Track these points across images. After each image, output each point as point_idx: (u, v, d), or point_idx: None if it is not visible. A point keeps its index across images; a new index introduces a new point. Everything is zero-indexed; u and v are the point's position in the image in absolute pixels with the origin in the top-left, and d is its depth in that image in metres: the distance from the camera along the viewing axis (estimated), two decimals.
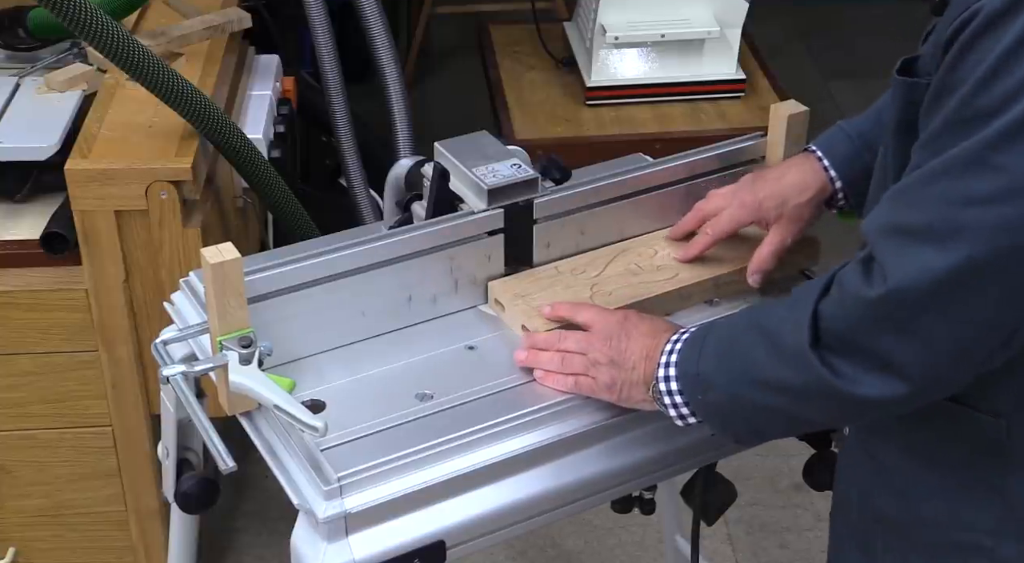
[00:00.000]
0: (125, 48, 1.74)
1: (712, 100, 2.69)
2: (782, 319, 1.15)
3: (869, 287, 1.06)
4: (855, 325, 1.08)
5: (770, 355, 1.14)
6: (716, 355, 1.20)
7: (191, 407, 1.29)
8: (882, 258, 1.06)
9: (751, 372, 1.16)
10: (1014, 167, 0.98)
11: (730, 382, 1.18)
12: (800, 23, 4.46)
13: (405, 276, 1.44)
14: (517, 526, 1.31)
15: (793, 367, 1.12)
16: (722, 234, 1.48)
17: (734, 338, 1.19)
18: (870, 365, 1.08)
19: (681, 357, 1.23)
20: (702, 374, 1.20)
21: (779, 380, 1.14)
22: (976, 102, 1.00)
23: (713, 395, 1.20)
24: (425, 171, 1.52)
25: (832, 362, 1.09)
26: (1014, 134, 0.98)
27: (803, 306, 1.12)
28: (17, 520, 2.12)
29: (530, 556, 2.45)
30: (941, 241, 1.02)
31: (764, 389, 1.15)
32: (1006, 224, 0.99)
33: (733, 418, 1.21)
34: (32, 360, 1.96)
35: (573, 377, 1.32)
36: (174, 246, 1.87)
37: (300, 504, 1.23)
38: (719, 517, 1.60)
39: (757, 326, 1.17)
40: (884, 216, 1.09)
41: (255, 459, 1.34)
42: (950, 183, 1.02)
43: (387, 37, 2.33)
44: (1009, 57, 0.97)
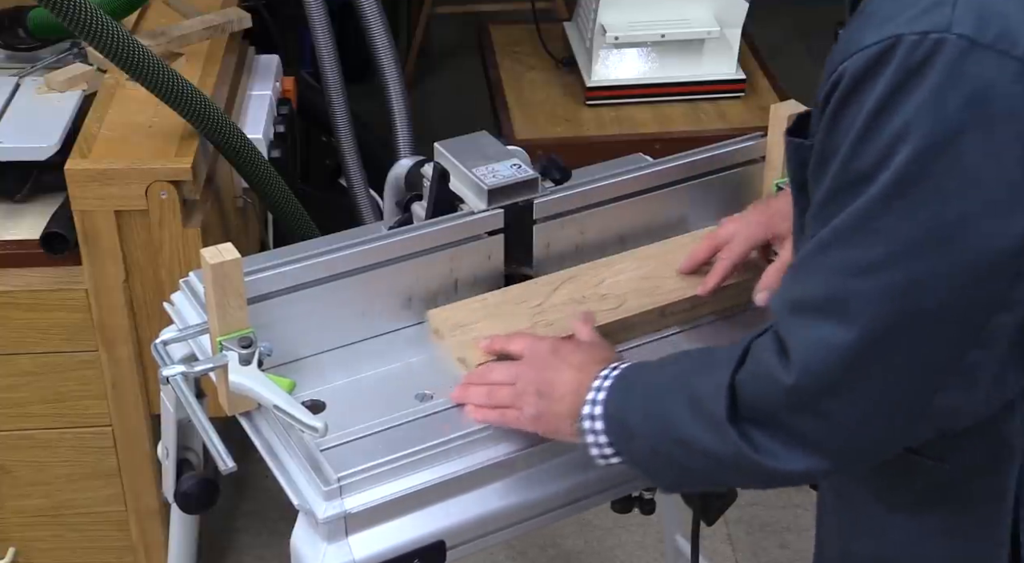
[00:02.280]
0: (125, 48, 1.74)
1: (712, 100, 2.69)
2: (704, 382, 1.11)
3: (782, 370, 1.03)
4: (771, 404, 1.06)
5: (693, 419, 1.11)
6: (643, 407, 1.16)
7: (191, 407, 1.29)
8: (787, 337, 1.04)
9: (674, 432, 1.12)
10: (893, 231, 0.95)
11: (655, 438, 1.15)
12: (800, 23, 4.46)
13: (405, 276, 1.44)
14: (517, 526, 1.31)
15: (712, 434, 1.09)
16: (739, 257, 1.43)
17: (661, 392, 1.16)
18: (788, 441, 1.06)
19: (608, 398, 1.19)
20: (627, 423, 1.17)
21: (699, 444, 1.10)
22: (851, 167, 0.97)
23: (638, 445, 1.17)
24: (425, 171, 1.52)
25: (751, 435, 1.07)
26: (888, 198, 0.94)
27: (721, 374, 1.09)
28: (17, 520, 2.11)
29: (530, 556, 2.45)
30: (837, 315, 0.99)
31: (687, 450, 1.12)
32: (893, 291, 0.96)
33: (656, 469, 1.19)
34: (32, 360, 1.96)
35: (499, 410, 1.27)
36: (174, 246, 1.87)
37: (300, 504, 1.23)
38: (719, 517, 1.60)
39: (684, 385, 1.13)
40: (784, 292, 1.07)
41: (255, 459, 1.34)
42: (838, 253, 0.99)
43: (387, 37, 2.33)
44: (875, 119, 0.94)
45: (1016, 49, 0.90)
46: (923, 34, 0.91)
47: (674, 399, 1.13)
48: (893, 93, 0.93)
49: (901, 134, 0.93)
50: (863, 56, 0.94)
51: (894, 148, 0.93)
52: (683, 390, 1.13)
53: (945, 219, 0.93)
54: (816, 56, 4.26)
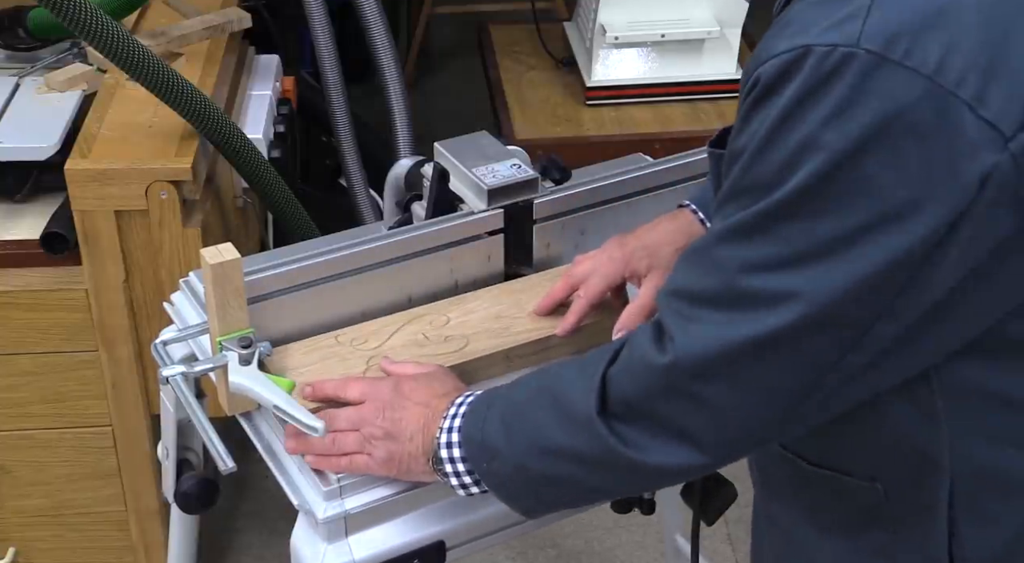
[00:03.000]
0: (125, 48, 1.74)
1: (712, 100, 2.69)
2: (571, 384, 1.09)
3: (657, 353, 1.02)
4: (643, 392, 1.04)
5: (558, 422, 1.09)
6: (502, 421, 1.13)
7: (191, 407, 1.29)
8: (667, 323, 1.03)
9: (538, 440, 1.10)
10: (790, 237, 0.95)
11: (516, 451, 1.12)
12: None
13: (405, 276, 1.44)
14: (517, 526, 1.31)
15: (581, 434, 1.07)
16: (596, 296, 1.38)
17: (521, 403, 1.13)
18: (660, 433, 1.04)
19: (465, 422, 1.16)
20: (487, 441, 1.14)
21: (567, 448, 1.08)
22: (754, 172, 0.96)
23: (498, 465, 1.13)
24: (425, 171, 1.52)
25: (620, 430, 1.05)
26: (791, 206, 0.94)
27: (592, 370, 1.08)
28: (17, 520, 2.11)
29: (530, 556, 2.45)
30: (725, 309, 0.99)
31: (551, 457, 1.10)
32: (786, 294, 0.95)
33: (520, 489, 1.15)
34: (32, 360, 1.96)
35: (347, 457, 1.22)
36: (174, 246, 1.87)
37: (300, 504, 1.23)
38: (719, 517, 1.60)
39: (546, 390, 1.12)
40: (672, 280, 1.06)
41: (255, 459, 1.34)
42: (733, 249, 0.98)
43: (387, 37, 2.33)
44: (780, 127, 0.93)
45: (925, 66, 0.89)
46: (832, 46, 0.90)
47: (538, 408, 1.11)
48: (800, 103, 0.92)
49: (806, 145, 0.92)
50: (774, 64, 0.94)
51: (797, 160, 0.93)
52: (546, 396, 1.11)
53: (843, 230, 0.93)
54: None
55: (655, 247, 1.38)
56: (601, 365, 1.08)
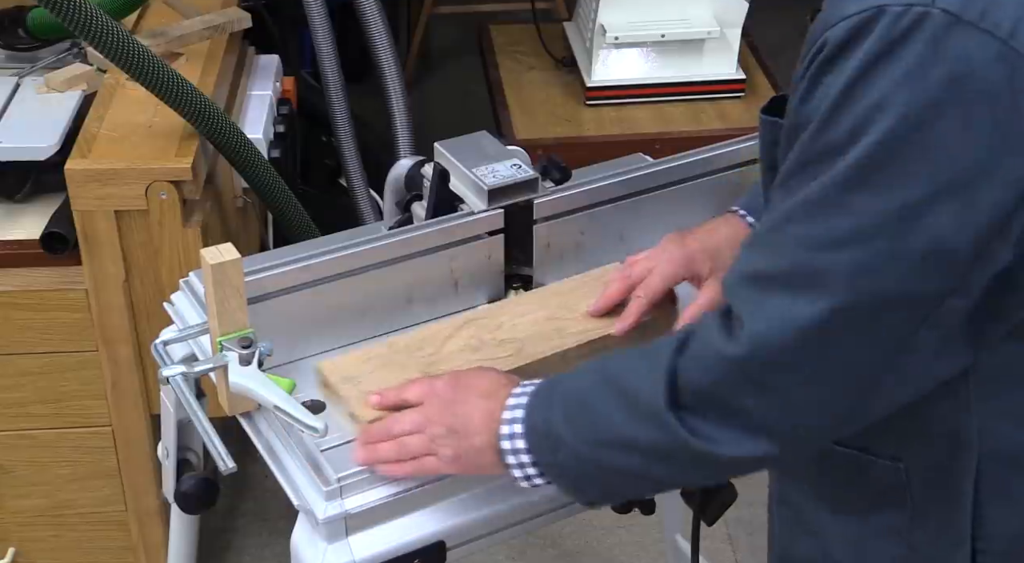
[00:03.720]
0: (125, 48, 1.74)
1: (712, 100, 2.69)
2: (638, 375, 1.08)
3: (729, 343, 1.01)
4: (714, 383, 1.02)
5: (625, 413, 1.07)
6: (566, 413, 1.12)
7: (191, 407, 1.29)
8: (739, 310, 1.01)
9: (605, 432, 1.09)
10: (864, 207, 0.93)
11: (582, 443, 1.10)
12: (800, 23, 4.45)
13: (405, 276, 1.44)
14: (517, 526, 1.31)
15: (649, 427, 1.05)
16: (656, 295, 1.37)
17: (584, 392, 1.11)
18: (732, 423, 1.02)
19: (528, 413, 1.14)
20: (552, 432, 1.12)
21: (634, 440, 1.07)
22: (823, 138, 0.95)
23: (564, 456, 1.12)
24: (425, 171, 1.52)
25: (690, 422, 1.03)
26: (863, 171, 0.93)
27: (659, 362, 1.06)
28: (17, 520, 2.11)
29: (530, 556, 2.45)
30: (798, 289, 0.97)
31: (618, 450, 1.08)
32: (861, 269, 0.94)
33: (585, 480, 1.14)
34: (32, 360, 1.96)
35: (414, 462, 1.21)
36: (174, 246, 1.87)
37: (300, 505, 1.23)
38: (719, 517, 1.60)
39: (610, 381, 1.10)
40: (740, 265, 1.03)
41: (255, 459, 1.34)
42: (803, 226, 0.97)
43: (387, 37, 2.33)
44: (851, 90, 0.92)
45: (999, 30, 0.89)
46: (907, 6, 0.90)
47: (602, 398, 1.09)
48: (872, 64, 0.91)
49: (877, 107, 0.91)
50: (845, 26, 0.93)
51: (869, 121, 0.92)
52: (612, 387, 1.09)
53: (914, 196, 0.92)
54: None
55: (716, 250, 1.37)
56: (667, 357, 1.06)
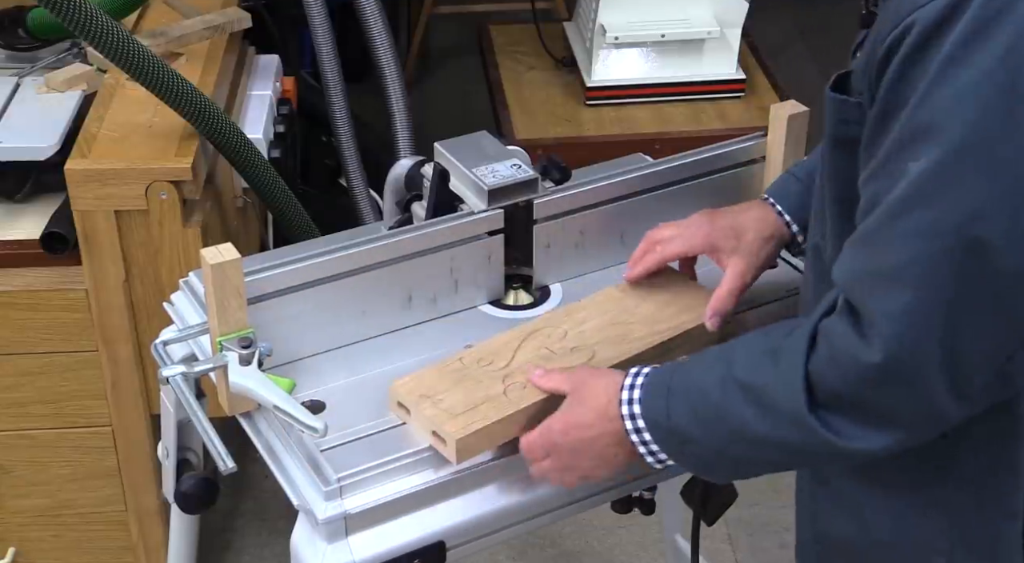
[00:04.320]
0: (125, 48, 1.74)
1: (712, 100, 2.69)
2: (769, 379, 1.09)
3: (864, 347, 1.02)
4: (855, 387, 1.04)
5: (761, 416, 1.09)
6: (691, 411, 1.14)
7: (191, 407, 1.29)
8: (868, 311, 1.01)
9: (741, 432, 1.11)
10: (970, 188, 0.94)
11: (715, 439, 1.14)
12: (800, 23, 4.46)
13: (405, 276, 1.44)
14: (517, 526, 1.31)
15: (789, 428, 1.08)
16: (671, 256, 1.41)
17: (708, 393, 1.13)
18: (871, 420, 1.05)
19: (645, 408, 1.18)
20: (676, 429, 1.15)
21: (773, 439, 1.09)
22: (920, 119, 0.96)
23: (696, 448, 1.15)
24: (425, 171, 1.52)
25: (831, 422, 1.06)
26: (963, 151, 0.94)
27: (791, 365, 1.07)
28: (17, 520, 2.11)
29: (530, 556, 2.45)
30: (921, 281, 0.97)
31: (756, 446, 1.11)
32: (976, 250, 0.95)
33: (717, 467, 1.19)
34: (32, 360, 1.96)
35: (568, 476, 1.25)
36: (174, 246, 1.87)
37: (300, 505, 1.23)
38: (719, 517, 1.60)
39: (737, 383, 1.11)
40: (857, 262, 1.04)
41: (255, 459, 1.34)
42: (914, 216, 0.97)
43: (387, 37, 2.33)
44: (946, 69, 0.93)
45: None
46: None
47: (732, 400, 1.11)
48: (967, 43, 0.93)
49: (976, 84, 0.93)
50: (935, 7, 0.94)
51: (967, 99, 0.93)
52: (741, 389, 1.11)
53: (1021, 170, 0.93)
54: (816, 56, 4.26)
55: (742, 230, 1.39)
56: (799, 359, 1.07)
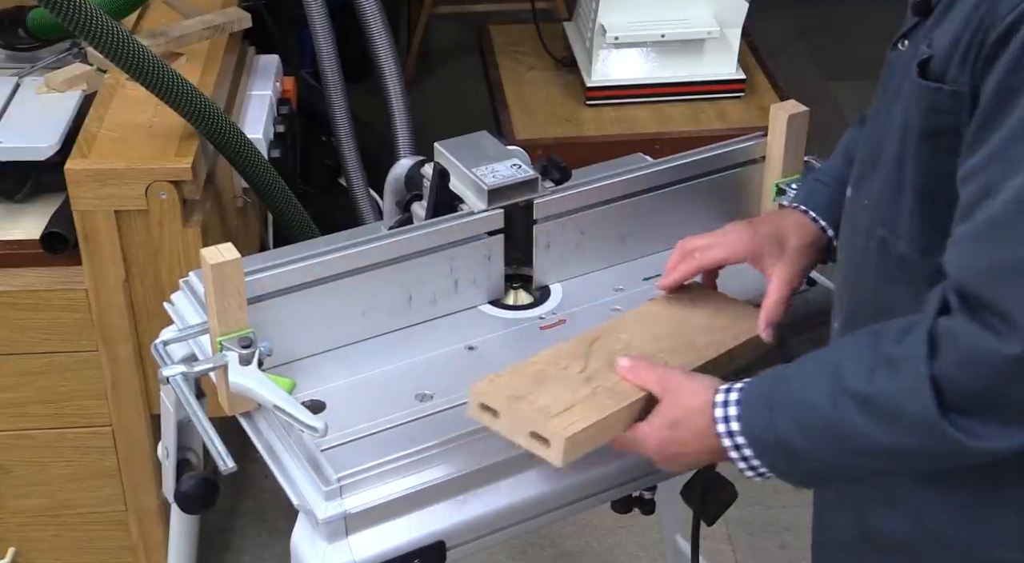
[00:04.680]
0: (125, 48, 1.74)
1: (712, 100, 2.69)
2: (889, 387, 1.06)
3: (1001, 343, 0.99)
4: (992, 385, 1.01)
5: (883, 428, 1.06)
6: (799, 426, 1.11)
7: (191, 407, 1.29)
8: (1003, 305, 0.99)
9: (857, 443, 1.08)
10: None
11: (830, 454, 1.11)
12: (800, 23, 4.46)
13: (405, 276, 1.44)
14: (517, 526, 1.31)
15: (915, 435, 1.05)
16: (710, 263, 1.39)
17: (817, 407, 1.10)
18: (1007, 418, 1.02)
19: (745, 424, 1.15)
20: (783, 444, 1.13)
21: (895, 447, 1.07)
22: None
23: (805, 463, 1.13)
24: (425, 171, 1.52)
25: (963, 424, 1.03)
26: None
27: (914, 373, 1.04)
28: (17, 520, 2.11)
29: (530, 556, 2.45)
30: None
31: (878, 458, 1.09)
32: None
33: (830, 479, 1.19)
34: (32, 360, 1.96)
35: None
36: (174, 246, 1.87)
37: (300, 504, 1.23)
38: (719, 517, 1.60)
39: (851, 395, 1.08)
40: (982, 256, 1.01)
41: (255, 459, 1.34)
42: None
43: (387, 37, 2.33)
44: None
45: None
46: None
47: (850, 414, 1.08)
48: None
49: None
50: None
51: None
52: (853, 399, 1.07)
53: None
54: (816, 56, 4.26)
55: (784, 237, 1.37)
56: (921, 365, 1.04)
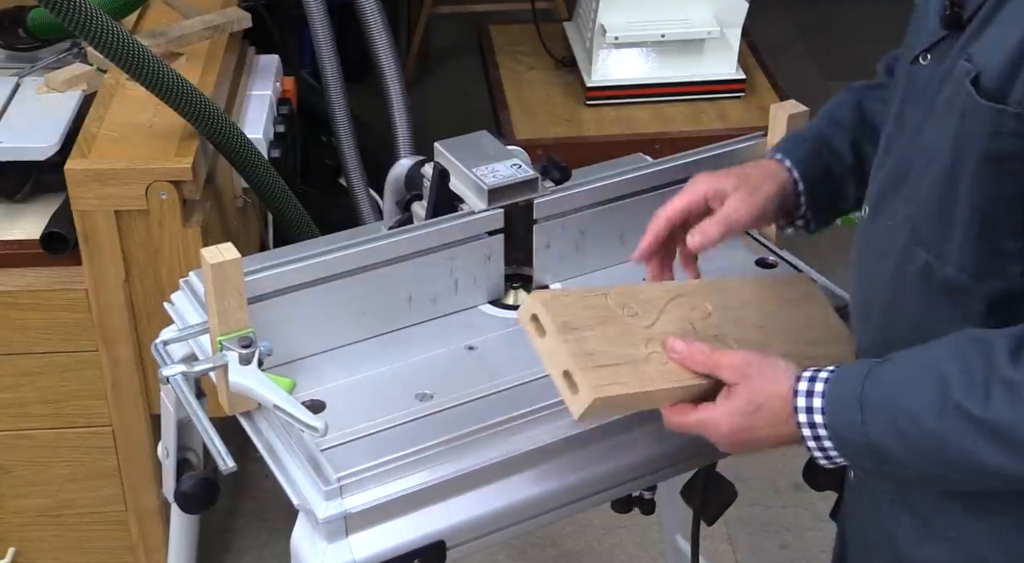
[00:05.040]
0: (125, 48, 1.74)
1: (712, 100, 2.69)
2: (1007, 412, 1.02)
3: None
4: None
5: (998, 449, 1.03)
6: (898, 433, 1.07)
7: (191, 407, 1.29)
8: None
9: (964, 462, 1.05)
10: None
11: (927, 464, 1.08)
12: (800, 23, 4.46)
13: (405, 276, 1.44)
14: (517, 526, 1.31)
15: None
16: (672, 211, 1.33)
17: (920, 416, 1.06)
18: None
19: (831, 418, 1.11)
20: (876, 446, 1.09)
21: (1011, 472, 1.04)
22: None
23: (897, 469, 1.10)
24: (425, 171, 1.52)
25: None
26: None
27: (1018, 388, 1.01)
28: (17, 520, 2.12)
29: (530, 556, 2.45)
30: None
31: (980, 475, 1.06)
32: None
33: (916, 484, 1.15)
34: (32, 360, 1.96)
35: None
36: (174, 246, 1.87)
37: (300, 504, 1.23)
38: (719, 517, 1.60)
39: (962, 413, 1.04)
40: None
41: (255, 459, 1.34)
42: None
43: (387, 37, 2.33)
44: None
45: None
46: None
47: (954, 429, 1.04)
48: None
49: None
50: None
51: None
52: (966, 418, 1.04)
53: None
54: (816, 56, 4.26)
55: (745, 174, 1.34)
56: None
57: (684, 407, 1.20)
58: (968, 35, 1.06)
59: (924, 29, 1.14)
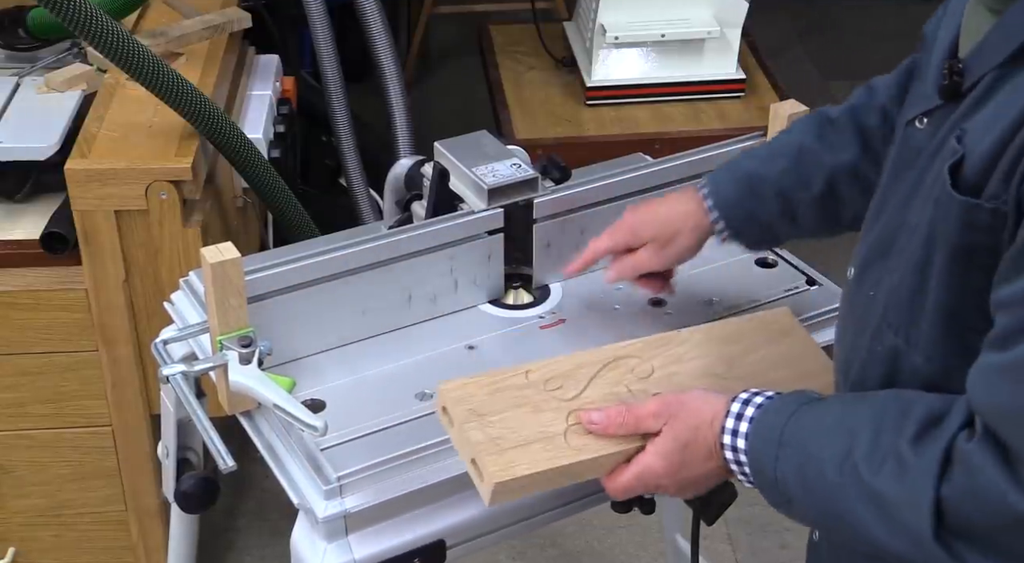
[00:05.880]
0: (125, 48, 1.74)
1: (712, 100, 2.69)
2: (892, 487, 0.99)
3: (1017, 492, 0.92)
4: (998, 529, 0.94)
5: (882, 524, 1.00)
6: (801, 477, 1.06)
7: (191, 407, 1.29)
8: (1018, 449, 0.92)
9: (850, 522, 1.02)
10: None
11: (820, 515, 1.07)
12: (800, 23, 4.46)
13: (405, 276, 1.44)
14: (517, 526, 1.31)
15: (906, 542, 0.99)
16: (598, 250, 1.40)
17: (823, 467, 1.03)
18: (1004, 558, 0.96)
19: (752, 450, 1.10)
20: (781, 487, 1.08)
21: (883, 543, 1.00)
22: None
23: (797, 510, 1.09)
24: (425, 171, 1.52)
25: (957, 549, 0.96)
26: None
27: (918, 486, 0.97)
28: (17, 520, 2.11)
29: (530, 556, 2.45)
30: None
31: (861, 539, 1.02)
32: None
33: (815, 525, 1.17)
34: (32, 360, 1.96)
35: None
36: (174, 246, 1.87)
37: (300, 504, 1.23)
38: (719, 517, 1.59)
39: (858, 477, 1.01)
40: (1012, 399, 0.92)
41: (255, 458, 1.34)
42: None
43: (387, 37, 2.34)
44: None
45: None
46: None
47: (848, 489, 1.02)
48: None
49: None
50: None
51: None
52: (859, 482, 1.01)
53: None
54: (816, 56, 4.26)
55: (665, 222, 1.37)
56: (929, 481, 0.97)
57: (619, 469, 1.18)
58: (965, 108, 1.00)
59: (924, 91, 1.07)
